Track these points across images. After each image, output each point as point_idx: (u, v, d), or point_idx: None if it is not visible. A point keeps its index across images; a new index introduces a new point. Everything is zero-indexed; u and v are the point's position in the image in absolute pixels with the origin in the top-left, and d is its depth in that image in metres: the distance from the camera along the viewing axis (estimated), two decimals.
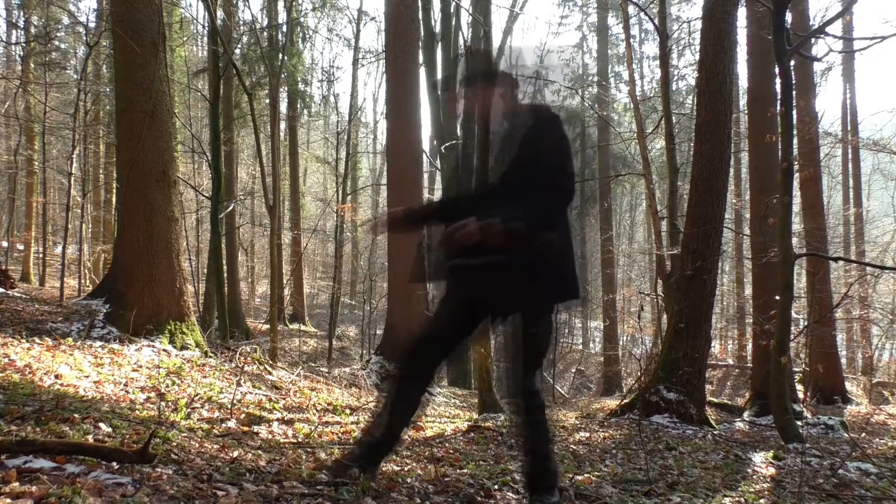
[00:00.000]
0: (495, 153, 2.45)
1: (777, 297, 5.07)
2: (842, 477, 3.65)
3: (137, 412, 3.39)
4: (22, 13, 15.40)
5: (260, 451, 2.93)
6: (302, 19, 17.13)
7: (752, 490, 3.32)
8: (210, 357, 6.02)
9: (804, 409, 8.52)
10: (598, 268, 22.96)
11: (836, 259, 9.00)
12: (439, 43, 14.83)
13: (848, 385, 11.47)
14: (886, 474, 3.75)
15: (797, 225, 11.32)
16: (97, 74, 15.47)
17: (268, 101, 15.48)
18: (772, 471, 3.97)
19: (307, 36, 18.65)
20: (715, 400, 10.58)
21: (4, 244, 17.29)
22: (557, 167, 2.31)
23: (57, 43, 16.50)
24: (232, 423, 3.75)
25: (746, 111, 10.80)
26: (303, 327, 18.00)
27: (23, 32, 15.38)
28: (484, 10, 13.38)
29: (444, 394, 10.56)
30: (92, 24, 13.18)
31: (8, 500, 1.53)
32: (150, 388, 4.27)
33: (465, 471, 3.01)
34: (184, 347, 5.88)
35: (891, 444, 6.03)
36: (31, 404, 2.93)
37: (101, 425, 2.74)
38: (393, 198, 11.33)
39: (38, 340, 5.00)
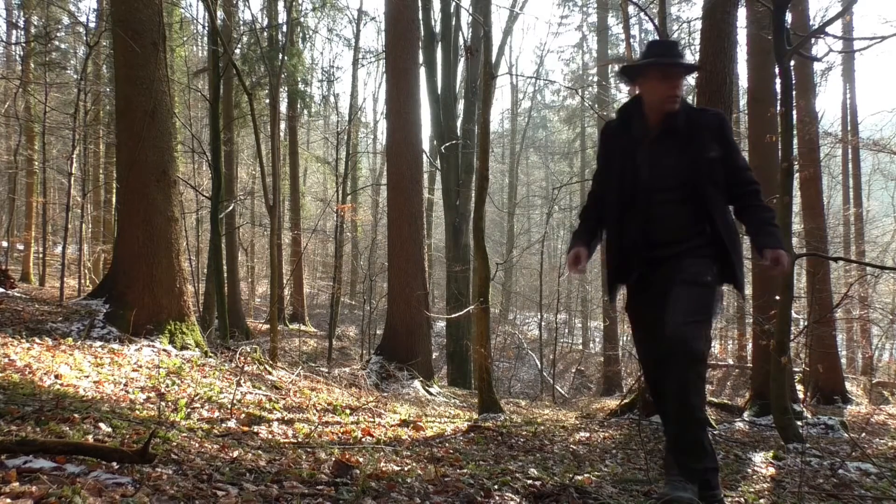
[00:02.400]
0: (664, 148, 2.47)
1: (777, 297, 5.07)
2: (842, 477, 3.65)
3: (137, 412, 3.39)
4: (22, 13, 15.39)
5: (260, 451, 2.93)
6: (302, 19, 17.13)
7: (752, 490, 3.32)
8: (210, 357, 6.02)
9: (804, 409, 8.50)
10: (598, 267, 22.93)
11: (836, 259, 8.98)
12: (439, 43, 14.84)
13: (848, 385, 11.45)
14: (886, 474, 3.75)
15: (797, 225, 11.30)
16: (97, 74, 15.47)
17: (268, 101, 15.49)
18: (772, 471, 3.97)
19: (307, 36, 18.65)
20: (715, 400, 10.56)
21: (4, 244, 17.29)
22: (750, 168, 2.58)
23: (57, 43, 16.51)
24: (232, 423, 3.75)
25: (746, 111, 10.79)
26: (303, 327, 18.00)
27: (23, 32, 15.38)
28: (484, 10, 13.41)
29: (444, 394, 10.55)
30: (92, 24, 13.17)
31: (8, 500, 1.53)
32: (150, 388, 4.27)
33: (465, 471, 3.01)
34: (184, 347, 5.88)
35: (891, 444, 6.02)
36: (31, 404, 2.93)
37: (101, 425, 2.74)
38: (393, 198, 11.32)
39: (38, 340, 5.00)
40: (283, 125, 18.39)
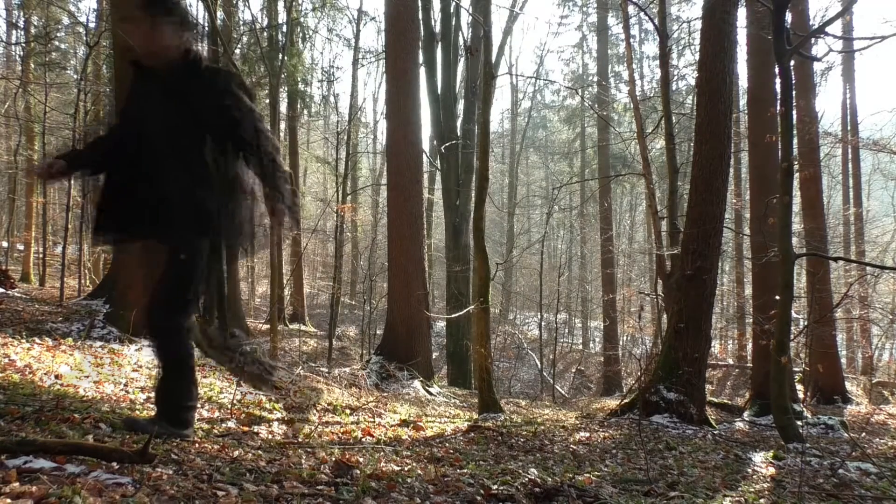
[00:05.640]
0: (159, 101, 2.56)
1: (777, 297, 5.07)
2: (842, 477, 3.65)
3: (137, 412, 3.39)
4: (22, 13, 15.40)
5: (260, 451, 2.93)
6: (302, 19, 17.13)
7: (752, 490, 3.32)
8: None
9: (804, 409, 8.51)
10: (598, 268, 22.95)
11: (836, 259, 8.99)
12: (439, 43, 14.83)
13: (848, 385, 11.46)
14: (886, 474, 3.75)
15: (797, 225, 11.32)
16: (97, 74, 15.46)
17: (268, 101, 15.49)
18: (772, 471, 3.97)
19: (307, 36, 18.64)
20: (715, 400, 10.58)
21: (4, 244, 17.29)
22: None
23: (57, 43, 16.51)
24: (232, 423, 3.75)
25: (746, 111, 10.79)
26: (303, 327, 17.99)
27: (23, 32, 15.39)
28: (484, 10, 13.38)
29: (444, 394, 10.56)
30: (92, 24, 13.18)
31: (8, 500, 1.53)
32: (150, 388, 4.27)
33: (465, 471, 3.01)
34: None
35: (891, 444, 6.03)
36: (31, 404, 2.93)
37: (101, 425, 2.74)
38: (393, 198, 11.33)
39: (38, 340, 5.00)
40: (283, 125, 18.40)
